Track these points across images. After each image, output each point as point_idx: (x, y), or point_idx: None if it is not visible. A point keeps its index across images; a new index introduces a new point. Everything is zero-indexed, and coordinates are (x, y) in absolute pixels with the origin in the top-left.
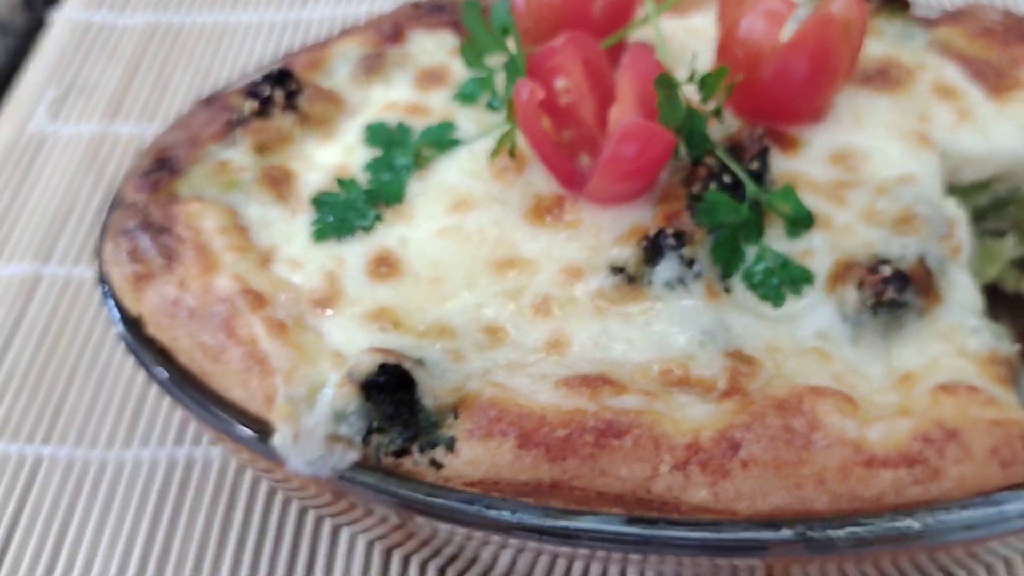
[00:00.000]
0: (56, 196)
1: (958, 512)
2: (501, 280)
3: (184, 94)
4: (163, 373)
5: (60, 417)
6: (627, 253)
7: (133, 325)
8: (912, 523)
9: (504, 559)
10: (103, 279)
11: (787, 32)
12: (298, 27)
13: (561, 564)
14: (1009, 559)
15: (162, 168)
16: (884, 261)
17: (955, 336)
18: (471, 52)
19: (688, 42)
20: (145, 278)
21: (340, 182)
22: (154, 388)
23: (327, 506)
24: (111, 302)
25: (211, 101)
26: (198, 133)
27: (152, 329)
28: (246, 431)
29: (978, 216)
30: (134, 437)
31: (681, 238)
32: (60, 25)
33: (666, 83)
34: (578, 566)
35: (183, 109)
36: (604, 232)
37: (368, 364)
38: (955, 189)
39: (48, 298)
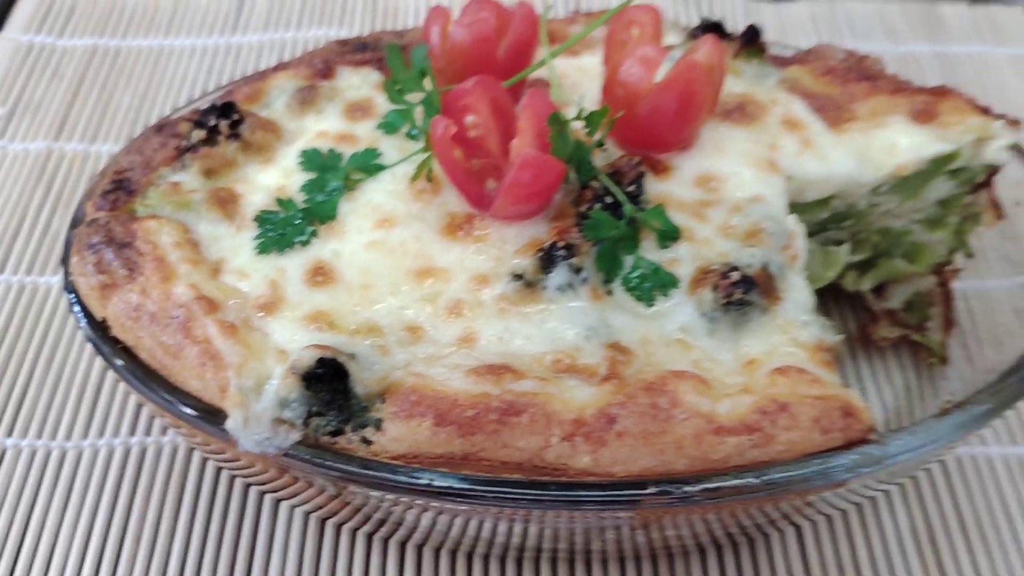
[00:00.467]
0: (6, 210)
1: (788, 470)
2: (420, 287)
3: (125, 113)
4: (132, 370)
5: (22, 411)
6: (526, 262)
7: (99, 328)
8: (752, 479)
9: (424, 521)
10: (71, 288)
11: (660, 74)
12: (229, 51)
13: (473, 524)
14: (846, 512)
15: (120, 188)
16: (735, 268)
17: (790, 329)
18: (393, 89)
19: (580, 80)
20: (110, 287)
21: (280, 202)
22: (108, 382)
23: (271, 482)
24: (78, 308)
25: (161, 128)
26: (151, 157)
27: (117, 331)
28: (204, 417)
29: (820, 228)
30: (91, 428)
31: (571, 250)
32: (3, 46)
33: (557, 121)
34: (487, 524)
35: (125, 128)
36: (507, 245)
37: (308, 358)
38: (799, 206)
39: (4, 304)
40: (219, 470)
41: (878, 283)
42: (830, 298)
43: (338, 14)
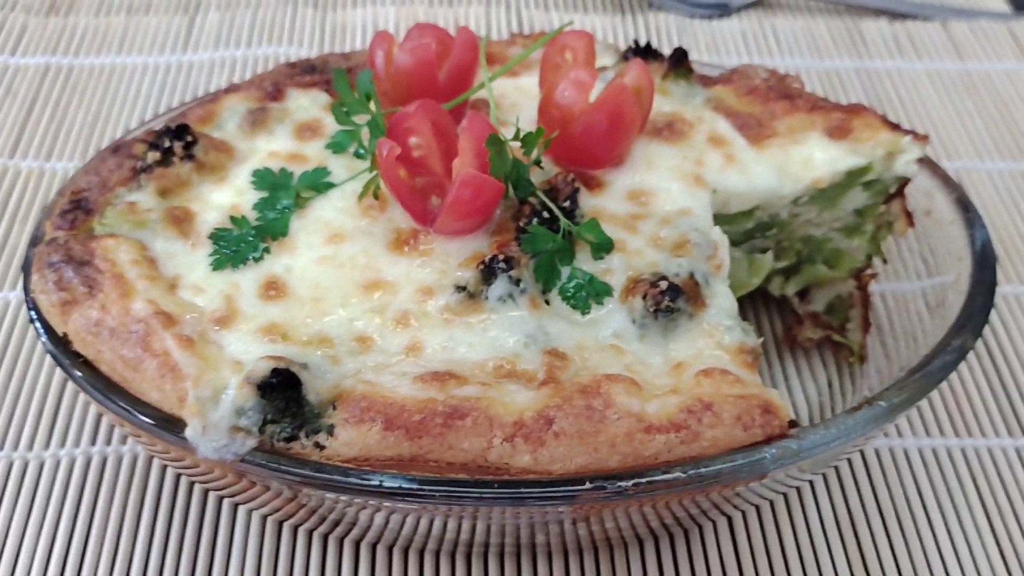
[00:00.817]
0: None
1: (711, 464)
2: (369, 299)
3: (79, 131)
4: (94, 383)
5: None
6: (468, 275)
7: (60, 343)
8: (679, 473)
9: (377, 520)
10: (32, 305)
11: (593, 96)
12: (180, 69)
13: (423, 522)
14: (773, 502)
15: (78, 208)
16: (663, 277)
17: (715, 333)
18: (340, 112)
19: (518, 99)
20: (70, 304)
21: (233, 220)
22: (68, 393)
23: (229, 486)
24: (40, 324)
25: (117, 149)
26: (107, 178)
27: (78, 346)
28: (163, 426)
29: (745, 237)
30: (52, 438)
31: (510, 262)
32: None
33: (495, 142)
34: (436, 522)
35: (80, 145)
36: (451, 258)
37: (263, 368)
38: (724, 217)
39: None
40: (178, 476)
41: (802, 287)
42: (758, 302)
43: (287, 32)
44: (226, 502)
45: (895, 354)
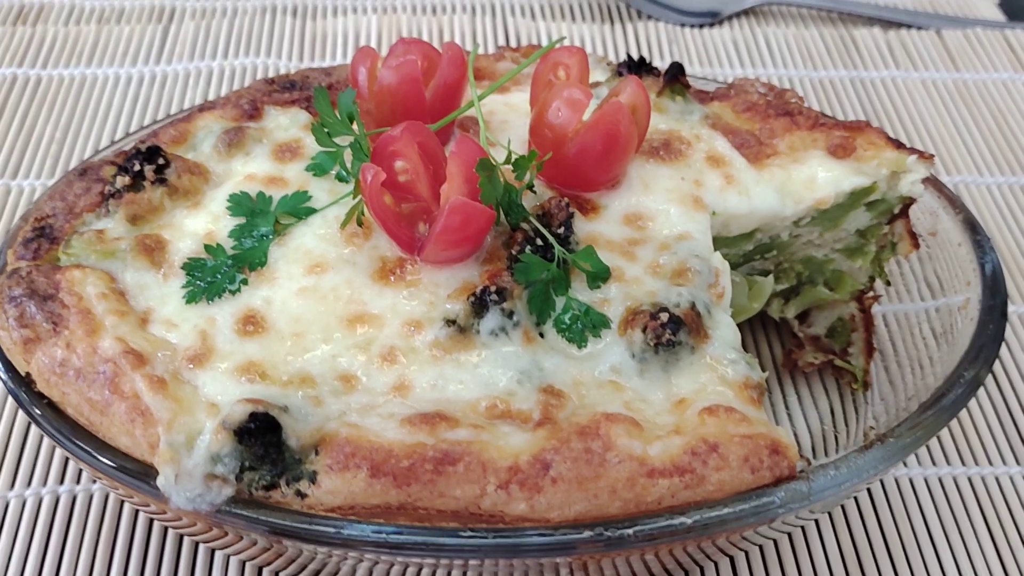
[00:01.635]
0: None
1: (719, 509)
2: (353, 334)
3: (48, 146)
4: (59, 429)
5: None
6: (458, 307)
7: (22, 383)
8: (684, 520)
9: (361, 572)
10: None
11: (587, 114)
12: (154, 79)
13: (411, 572)
14: (777, 540)
15: (41, 236)
16: (664, 308)
17: (718, 367)
18: (321, 133)
19: (508, 116)
20: (33, 341)
21: (208, 248)
22: (34, 430)
23: (205, 535)
24: (0, 363)
25: (84, 172)
26: (74, 203)
27: (42, 386)
28: (134, 475)
29: (744, 259)
30: (17, 477)
31: (502, 294)
32: None
33: (486, 166)
34: (425, 573)
35: (48, 161)
36: (440, 289)
37: (240, 413)
38: (724, 240)
39: None
40: (151, 520)
41: (802, 310)
42: (756, 325)
43: (265, 43)
44: (202, 547)
45: (899, 381)
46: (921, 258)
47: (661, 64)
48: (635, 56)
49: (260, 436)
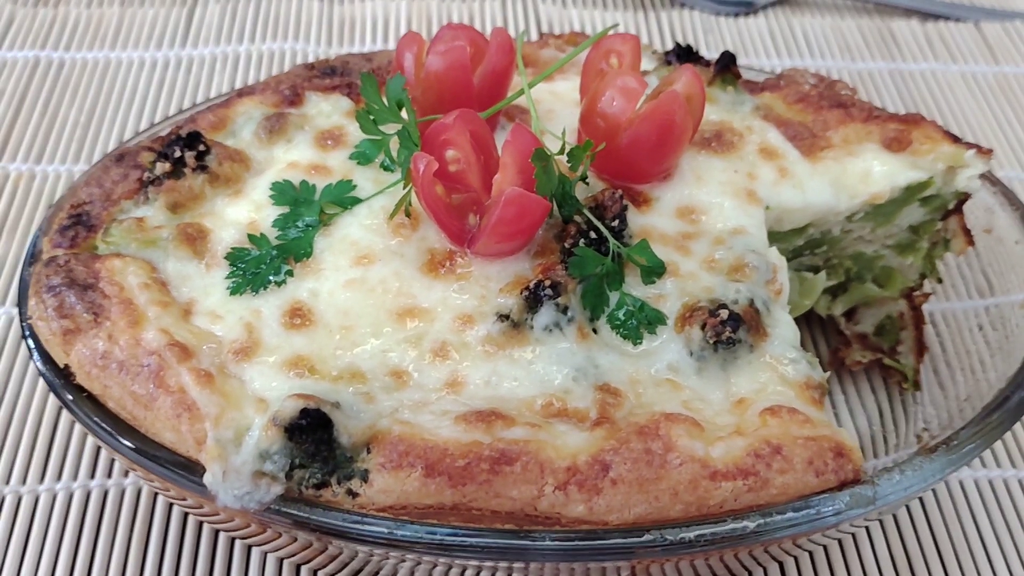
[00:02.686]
0: None
1: (784, 514)
2: (403, 328)
3: (72, 130)
4: (103, 424)
5: None
6: (511, 302)
7: (61, 375)
8: (747, 524)
9: (403, 571)
10: (30, 332)
11: (639, 104)
12: (180, 64)
13: (455, 573)
14: (827, 545)
15: (79, 223)
16: (722, 305)
17: (778, 366)
18: (366, 120)
19: (553, 105)
20: (73, 332)
21: (251, 238)
22: (64, 422)
23: (245, 531)
24: (39, 355)
25: (121, 158)
26: (111, 190)
27: (82, 379)
28: (181, 472)
29: (795, 254)
30: (47, 471)
31: (556, 288)
32: None
33: (542, 157)
34: (471, 574)
35: (73, 145)
36: (491, 283)
37: (291, 409)
38: (776, 235)
39: None
40: (185, 514)
41: (849, 307)
42: (801, 322)
43: (293, 27)
44: (239, 543)
45: (950, 382)
46: (973, 255)
47: None
48: (671, 45)
49: (311, 433)
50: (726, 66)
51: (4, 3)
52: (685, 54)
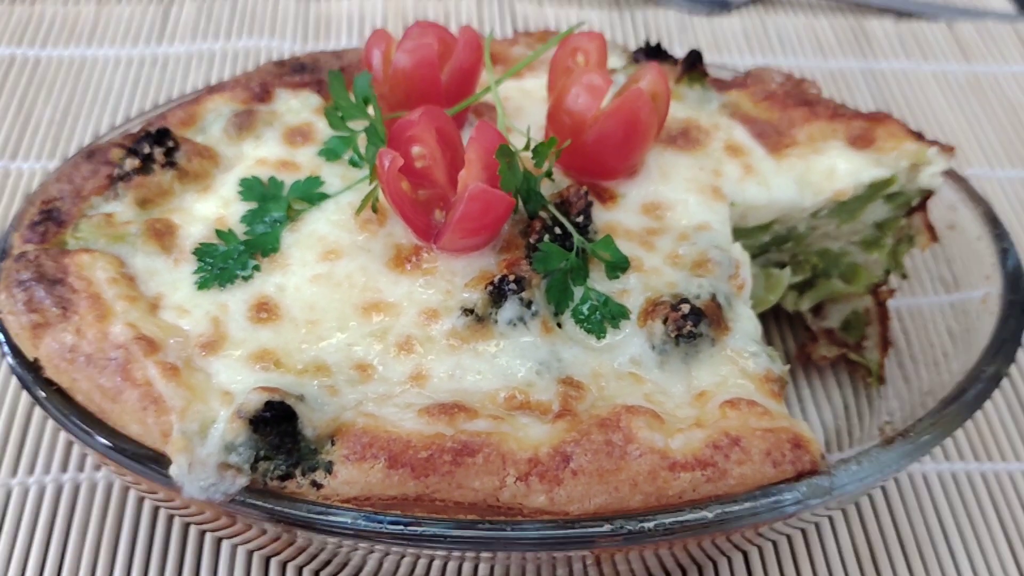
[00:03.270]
0: None
1: (741, 503)
2: (369, 322)
3: (47, 128)
4: (69, 416)
5: None
6: (476, 296)
7: (30, 369)
8: (706, 514)
9: (373, 561)
10: (0, 327)
11: (605, 102)
12: (156, 62)
13: (423, 563)
14: (790, 536)
15: (49, 219)
16: (684, 300)
17: (739, 359)
18: (334, 116)
19: (522, 102)
20: (42, 326)
21: (219, 233)
22: (37, 416)
23: (214, 524)
24: (7, 349)
25: (92, 154)
26: (81, 186)
27: (50, 372)
28: (147, 464)
29: (760, 251)
30: (20, 464)
31: (521, 283)
32: None
33: (506, 153)
34: (437, 564)
35: (48, 143)
36: (456, 277)
37: (255, 401)
38: (741, 231)
39: None
40: (156, 508)
41: (816, 303)
42: (770, 318)
43: (268, 24)
44: (208, 535)
45: (914, 376)
46: (936, 252)
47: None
48: (645, 43)
49: (276, 425)
50: (693, 64)
51: None
52: (653, 52)
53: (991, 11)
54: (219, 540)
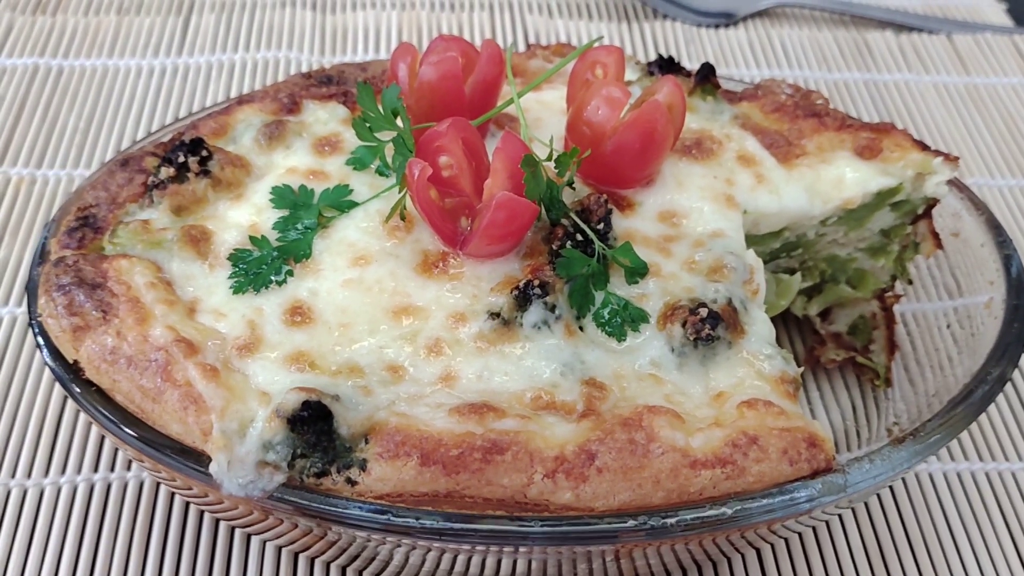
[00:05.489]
0: None
1: (759, 500)
2: (399, 326)
3: (72, 136)
4: (112, 416)
5: None
6: (502, 301)
7: (70, 371)
8: (725, 510)
9: (398, 556)
10: (39, 330)
11: (623, 113)
12: (176, 71)
13: (448, 558)
14: (801, 533)
15: (86, 225)
16: (702, 304)
17: (754, 362)
18: (362, 127)
19: (541, 113)
20: (83, 329)
21: (253, 240)
22: (68, 416)
23: (245, 517)
24: (48, 352)
25: (126, 163)
26: (117, 193)
27: (90, 374)
28: (188, 462)
29: (770, 257)
30: (52, 464)
31: (545, 288)
32: None
33: (531, 163)
34: (463, 558)
35: (73, 151)
36: (482, 282)
37: (293, 401)
38: (753, 238)
39: None
40: (187, 504)
41: (824, 308)
42: (780, 322)
43: (287, 36)
44: (239, 532)
45: (920, 379)
46: (941, 258)
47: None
48: (654, 55)
49: (312, 424)
50: (706, 77)
51: (3, 11)
52: (667, 65)
53: (989, 24)
54: (248, 536)
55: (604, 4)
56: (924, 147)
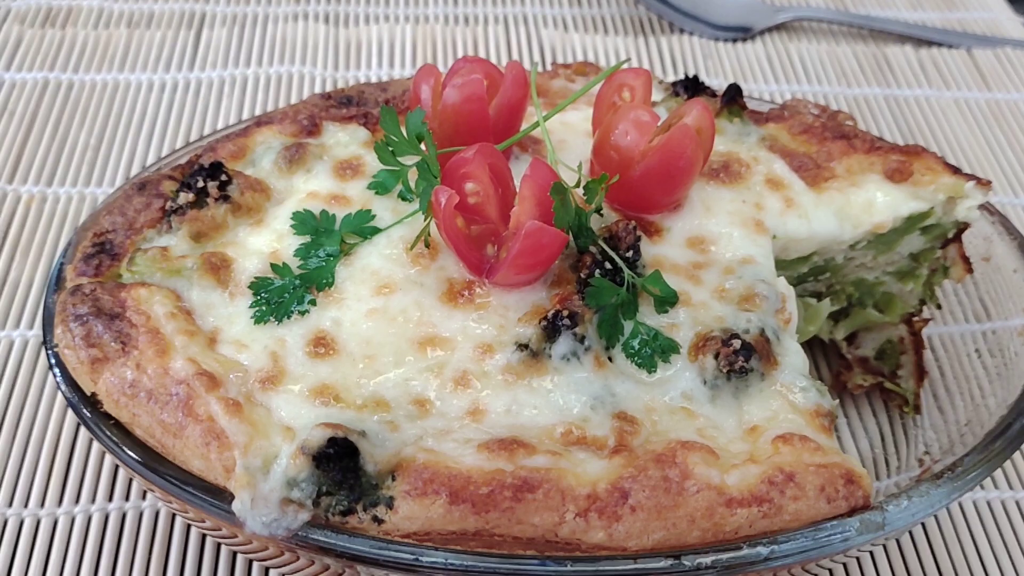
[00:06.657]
0: None
1: (796, 540)
2: (424, 357)
3: (82, 152)
4: (133, 452)
5: None
6: (530, 331)
7: (88, 404)
8: (762, 550)
9: None
10: (56, 361)
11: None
12: (188, 86)
13: None
14: (832, 570)
15: (102, 252)
16: (734, 335)
17: (788, 394)
18: (385, 151)
19: (565, 135)
20: (101, 361)
21: (274, 267)
22: (81, 443)
23: (265, 553)
24: (66, 385)
25: (143, 187)
26: (134, 219)
27: (109, 407)
28: (210, 500)
29: (799, 281)
30: (65, 493)
31: (574, 318)
32: None
33: (560, 190)
34: None
35: (84, 168)
36: (509, 312)
37: (319, 437)
38: (780, 263)
39: None
40: (203, 536)
41: (851, 332)
42: (805, 346)
43: (299, 50)
44: (256, 564)
45: (949, 408)
46: (971, 283)
47: None
48: (671, 70)
49: (338, 461)
50: (733, 98)
51: (12, 24)
52: (693, 85)
53: (1009, 39)
54: (267, 570)
55: (620, 18)
56: (955, 170)
